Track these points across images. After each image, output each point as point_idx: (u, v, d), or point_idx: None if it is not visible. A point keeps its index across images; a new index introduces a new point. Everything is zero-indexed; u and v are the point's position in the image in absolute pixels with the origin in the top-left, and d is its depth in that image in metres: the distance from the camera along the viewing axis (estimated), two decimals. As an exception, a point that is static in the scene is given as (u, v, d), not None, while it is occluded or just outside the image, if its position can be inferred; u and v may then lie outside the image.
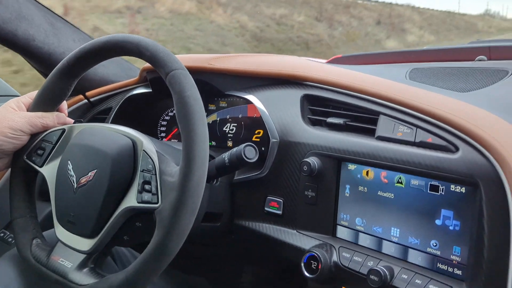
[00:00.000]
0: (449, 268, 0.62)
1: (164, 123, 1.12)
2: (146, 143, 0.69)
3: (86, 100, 1.16)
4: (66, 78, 0.77)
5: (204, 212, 0.81)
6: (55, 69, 0.77)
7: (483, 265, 0.55)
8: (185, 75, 0.65)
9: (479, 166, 0.57)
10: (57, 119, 0.80)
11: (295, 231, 0.79)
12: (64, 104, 0.84)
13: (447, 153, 0.61)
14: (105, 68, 1.18)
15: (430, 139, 0.64)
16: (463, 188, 0.60)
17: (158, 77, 0.71)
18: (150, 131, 1.10)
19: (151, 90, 1.02)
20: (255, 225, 0.85)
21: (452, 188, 0.61)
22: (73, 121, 0.83)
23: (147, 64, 0.89)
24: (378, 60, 1.28)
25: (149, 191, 0.64)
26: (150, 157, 0.67)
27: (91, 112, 1.16)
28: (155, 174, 0.65)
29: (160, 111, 1.11)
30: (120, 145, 0.69)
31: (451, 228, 0.62)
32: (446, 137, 0.62)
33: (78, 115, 1.16)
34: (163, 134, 1.12)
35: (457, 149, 0.60)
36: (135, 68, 1.27)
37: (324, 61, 1.46)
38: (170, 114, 1.11)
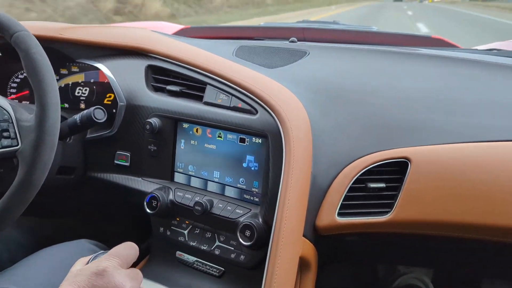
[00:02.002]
0: (251, 197, 0.86)
1: (14, 85, 1.15)
2: None
3: None
4: None
5: (58, 166, 0.92)
6: None
7: (268, 192, 0.80)
8: (28, 36, 0.74)
9: (269, 124, 0.81)
10: None
11: (140, 178, 0.96)
12: None
13: (251, 115, 0.84)
14: None
15: (240, 104, 0.86)
16: (260, 139, 0.84)
17: (7, 42, 0.78)
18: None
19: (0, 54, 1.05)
20: (106, 176, 0.99)
21: (254, 140, 0.85)
22: None
23: None
24: (219, 34, 1.48)
25: (7, 137, 0.72)
26: (4, 109, 0.74)
27: None
28: (12, 122, 0.73)
29: (9, 74, 1.14)
30: None
31: (252, 168, 0.85)
32: (250, 103, 0.84)
33: None
34: (13, 96, 1.16)
35: (256, 112, 0.83)
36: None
37: (174, 27, 1.61)
38: (20, 76, 1.15)
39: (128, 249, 0.62)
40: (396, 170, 0.79)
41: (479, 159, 0.77)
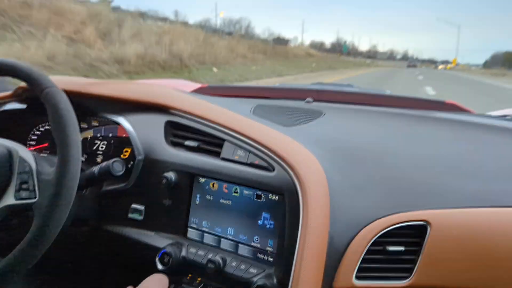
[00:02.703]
0: (265, 256, 0.84)
1: (34, 137, 1.18)
2: (21, 150, 0.78)
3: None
4: None
5: (73, 217, 0.92)
6: None
7: (283, 252, 0.77)
8: (58, 92, 0.77)
9: (286, 181, 0.80)
10: None
11: (153, 233, 0.94)
12: None
13: (267, 172, 0.84)
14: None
15: (257, 161, 0.86)
16: (277, 196, 0.83)
17: (33, 95, 0.81)
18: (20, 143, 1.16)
19: (24, 106, 1.09)
20: (119, 229, 0.98)
21: (270, 196, 0.84)
22: None
23: (23, 83, 0.97)
24: (236, 92, 1.52)
25: (26, 189, 0.73)
26: (26, 161, 0.76)
27: None
28: (32, 175, 0.74)
29: (31, 126, 1.17)
30: None
31: (268, 226, 0.84)
32: (267, 160, 0.84)
33: None
34: (31, 148, 1.18)
35: (273, 169, 0.83)
36: (4, 80, 1.30)
37: (193, 85, 1.66)
38: (41, 129, 1.18)
39: (160, 279, 0.74)
40: (415, 233, 0.77)
41: (502, 223, 0.74)
